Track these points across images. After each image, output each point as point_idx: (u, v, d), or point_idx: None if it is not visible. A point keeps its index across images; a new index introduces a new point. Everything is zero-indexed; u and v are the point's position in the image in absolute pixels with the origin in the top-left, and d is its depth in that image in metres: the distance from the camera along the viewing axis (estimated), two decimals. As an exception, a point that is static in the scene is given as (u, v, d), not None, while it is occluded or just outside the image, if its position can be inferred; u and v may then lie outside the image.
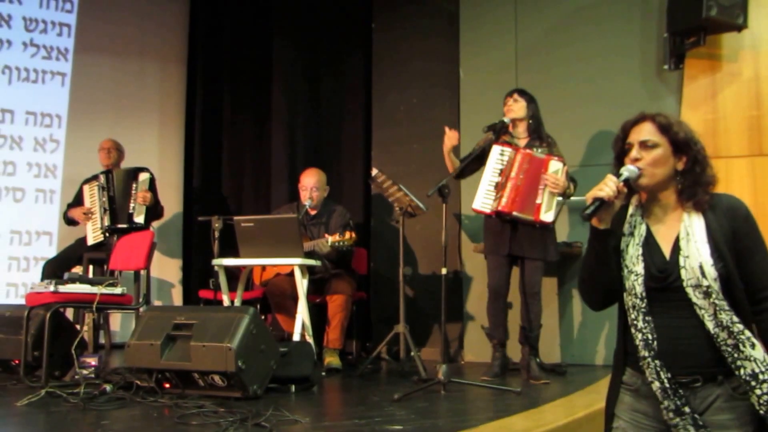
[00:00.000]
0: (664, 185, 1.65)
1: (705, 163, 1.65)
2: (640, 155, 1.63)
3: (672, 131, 1.63)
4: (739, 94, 3.98)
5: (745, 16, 3.81)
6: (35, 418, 2.68)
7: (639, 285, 1.62)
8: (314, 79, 5.39)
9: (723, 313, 1.56)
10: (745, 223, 1.63)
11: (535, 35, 4.52)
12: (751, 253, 1.61)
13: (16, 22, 4.99)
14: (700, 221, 1.62)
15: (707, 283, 1.56)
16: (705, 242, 1.59)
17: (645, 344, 1.61)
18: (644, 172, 1.63)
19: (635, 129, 1.67)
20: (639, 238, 1.67)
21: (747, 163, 3.93)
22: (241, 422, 2.42)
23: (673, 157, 1.64)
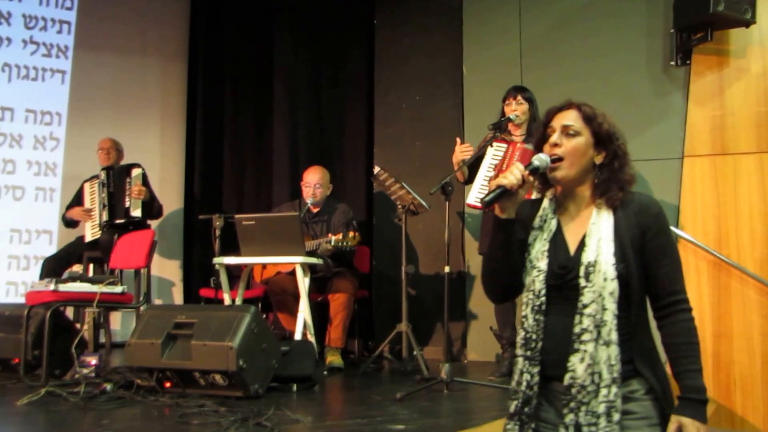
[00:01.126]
0: (580, 178, 1.60)
1: (624, 160, 1.61)
2: (560, 141, 1.58)
3: (596, 122, 1.59)
4: (747, 90, 3.94)
5: (753, 11, 3.77)
6: (35, 417, 2.67)
7: (539, 281, 1.57)
8: (316, 77, 5.36)
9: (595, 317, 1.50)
10: (656, 224, 1.56)
11: (540, 31, 4.49)
12: (658, 256, 1.55)
13: (16, 19, 4.98)
14: (609, 218, 1.57)
15: (602, 284, 1.51)
16: (610, 240, 1.54)
17: (525, 343, 1.57)
18: (562, 163, 1.57)
19: (559, 115, 1.62)
20: (548, 233, 1.61)
21: (755, 159, 3.89)
22: (242, 422, 2.41)
23: (593, 149, 1.60)
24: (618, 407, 1.48)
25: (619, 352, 1.49)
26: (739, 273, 3.85)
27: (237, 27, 5.54)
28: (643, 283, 1.55)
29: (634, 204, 1.58)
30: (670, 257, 1.56)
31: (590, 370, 1.48)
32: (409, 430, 2.38)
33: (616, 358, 1.48)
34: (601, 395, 1.47)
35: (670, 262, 1.55)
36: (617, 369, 1.48)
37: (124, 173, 4.60)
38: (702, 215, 3.99)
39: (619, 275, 1.51)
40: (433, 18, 4.92)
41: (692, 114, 4.06)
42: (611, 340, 1.49)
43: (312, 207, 4.34)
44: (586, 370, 1.48)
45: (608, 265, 1.51)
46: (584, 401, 1.48)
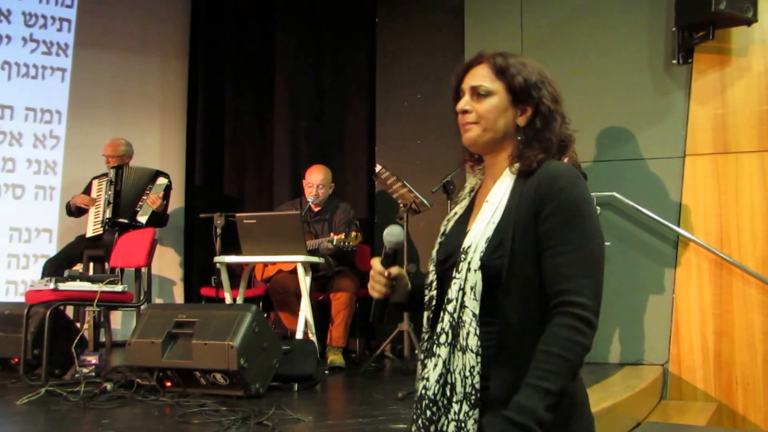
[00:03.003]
0: (498, 145, 1.28)
1: (551, 115, 1.26)
2: (469, 106, 1.27)
3: (509, 73, 1.26)
4: (748, 88, 3.94)
5: (754, 9, 3.77)
6: (35, 416, 2.66)
7: (431, 273, 1.31)
8: (317, 75, 5.35)
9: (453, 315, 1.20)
10: (554, 199, 1.17)
11: (541, 30, 4.48)
12: (550, 241, 1.16)
13: (16, 17, 4.96)
14: (504, 190, 1.23)
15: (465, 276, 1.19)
16: (493, 222, 1.21)
17: (421, 346, 1.32)
18: (474, 126, 1.27)
19: (469, 74, 1.31)
20: (453, 216, 1.34)
21: (757, 158, 3.88)
22: (243, 421, 2.40)
23: (512, 109, 1.26)
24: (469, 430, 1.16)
25: (478, 363, 1.16)
26: (741, 271, 3.85)
27: (238, 25, 5.52)
28: (529, 281, 1.18)
29: (541, 174, 1.20)
30: (567, 246, 1.15)
31: (443, 381, 1.19)
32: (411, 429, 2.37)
33: (472, 370, 1.16)
34: (451, 412, 1.18)
35: (563, 253, 1.15)
36: (473, 383, 1.16)
37: (149, 178, 4.61)
38: (703, 214, 3.99)
39: (487, 266, 1.18)
40: (434, 16, 4.91)
41: (694, 112, 4.05)
42: (468, 346, 1.17)
43: (313, 206, 4.33)
44: (438, 380, 1.19)
45: (477, 252, 1.19)
46: (433, 419, 1.19)
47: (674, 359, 3.95)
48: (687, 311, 3.96)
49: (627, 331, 4.08)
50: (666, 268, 4.05)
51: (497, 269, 1.18)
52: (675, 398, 3.91)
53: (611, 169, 4.15)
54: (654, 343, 4.01)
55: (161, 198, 4.59)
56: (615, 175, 4.14)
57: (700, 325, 3.93)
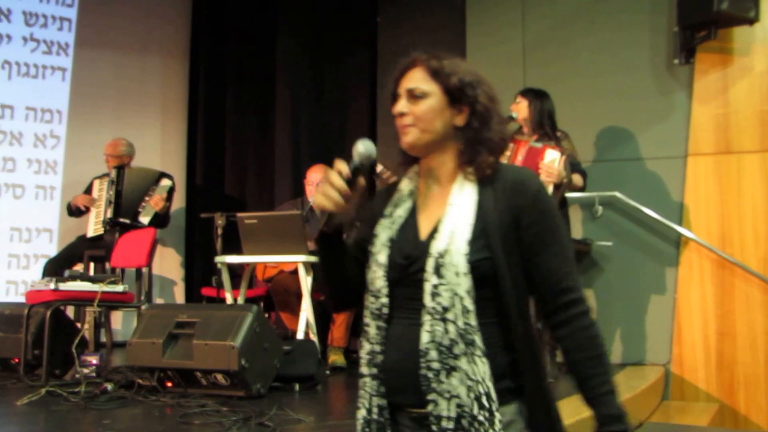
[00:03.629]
0: (437, 147, 1.27)
1: (487, 114, 1.26)
2: (406, 108, 1.27)
3: (443, 74, 1.27)
4: (751, 88, 3.93)
5: (756, 9, 3.77)
6: (35, 417, 2.65)
7: (380, 278, 1.25)
8: (319, 74, 5.34)
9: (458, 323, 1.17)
10: (534, 205, 1.21)
11: (543, 29, 4.48)
12: (539, 245, 1.21)
13: (16, 16, 4.95)
14: (472, 194, 1.23)
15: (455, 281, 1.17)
16: (468, 224, 1.20)
17: (369, 359, 1.25)
18: (411, 128, 1.26)
19: (405, 77, 1.31)
20: (398, 219, 1.30)
21: (759, 158, 3.88)
22: (244, 421, 2.40)
23: (449, 110, 1.26)
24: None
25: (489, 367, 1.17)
26: (743, 272, 3.84)
27: (239, 24, 5.52)
28: (520, 281, 1.21)
29: (507, 180, 1.23)
30: (556, 247, 1.21)
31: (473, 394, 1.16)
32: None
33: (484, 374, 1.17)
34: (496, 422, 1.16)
35: (555, 254, 1.21)
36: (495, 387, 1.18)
37: (152, 179, 4.61)
38: (705, 214, 3.98)
39: (477, 269, 1.18)
40: (435, 16, 4.90)
41: (696, 112, 4.05)
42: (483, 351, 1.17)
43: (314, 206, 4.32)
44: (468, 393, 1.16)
45: (460, 255, 1.18)
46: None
47: (676, 359, 3.94)
48: (689, 311, 3.96)
49: (629, 332, 4.07)
50: (668, 268, 4.04)
51: (487, 271, 1.19)
52: (677, 398, 3.91)
53: (613, 169, 4.15)
54: (656, 343, 4.01)
55: (164, 200, 4.58)
56: (617, 175, 4.13)
57: (702, 325, 3.93)
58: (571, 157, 3.53)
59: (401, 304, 1.24)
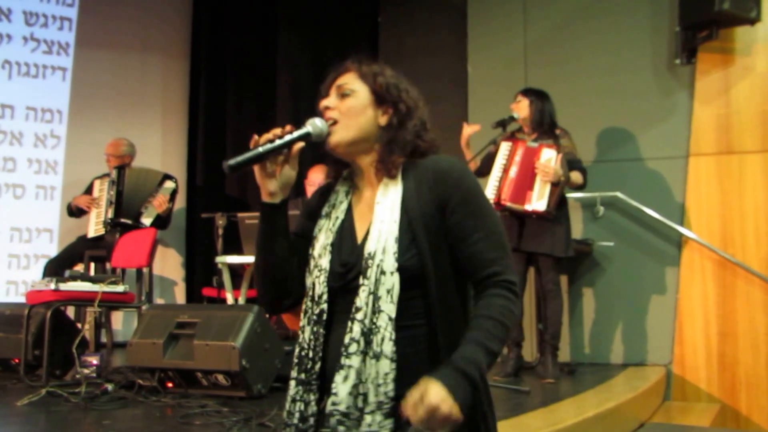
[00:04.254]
0: (363, 146, 1.28)
1: (407, 115, 1.27)
2: (333, 103, 1.30)
3: (372, 75, 1.30)
4: (752, 88, 3.93)
5: (758, 9, 3.77)
6: (36, 417, 2.65)
7: (321, 284, 1.23)
8: (319, 74, 5.30)
9: (365, 322, 1.16)
10: (457, 192, 1.21)
11: (545, 29, 4.48)
12: (465, 231, 1.20)
13: (16, 16, 4.95)
14: (395, 193, 1.23)
15: (377, 279, 1.17)
16: (394, 222, 1.20)
17: (299, 362, 1.23)
18: (336, 126, 1.28)
19: (337, 79, 1.34)
20: (336, 222, 1.29)
21: (761, 158, 3.88)
22: (244, 422, 2.40)
23: (374, 108, 1.28)
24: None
25: (393, 370, 1.14)
26: (744, 272, 3.84)
27: (239, 24, 5.52)
28: (449, 275, 1.20)
29: (428, 171, 1.23)
30: (481, 232, 1.20)
31: (355, 392, 1.14)
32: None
33: (386, 377, 1.14)
34: (363, 424, 1.13)
35: (481, 239, 1.19)
36: (386, 390, 1.14)
37: (156, 180, 4.61)
38: (707, 214, 3.98)
39: (404, 267, 1.17)
40: (437, 16, 4.91)
41: (697, 112, 4.04)
42: (382, 353, 1.14)
43: (315, 205, 4.32)
44: (351, 392, 1.14)
45: (388, 254, 1.17)
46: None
47: (678, 360, 3.94)
48: (690, 312, 3.95)
49: (630, 332, 4.07)
50: (669, 268, 4.04)
51: (415, 268, 1.18)
52: (678, 399, 3.90)
53: (614, 169, 4.15)
54: (657, 343, 4.01)
55: (167, 202, 4.58)
56: (618, 175, 4.13)
57: (704, 325, 3.92)
58: (570, 155, 3.53)
59: (341, 309, 1.22)
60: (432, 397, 1.05)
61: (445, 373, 1.09)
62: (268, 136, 1.28)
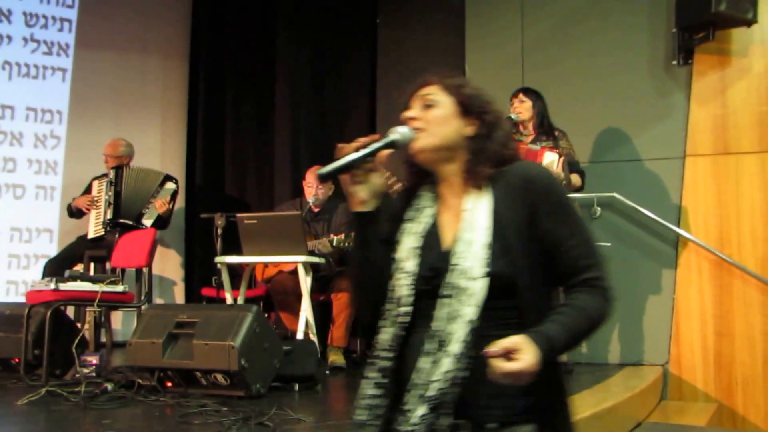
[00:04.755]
0: (448, 155, 1.29)
1: (495, 126, 1.29)
2: (417, 114, 1.30)
3: (457, 87, 1.31)
4: (749, 89, 3.95)
5: (754, 10, 3.78)
6: (36, 417, 2.66)
7: (407, 287, 1.24)
8: (318, 75, 5.36)
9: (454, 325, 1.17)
10: (547, 198, 1.22)
11: (542, 31, 4.49)
12: (559, 238, 1.21)
13: (17, 17, 4.96)
14: (485, 202, 1.24)
15: (462, 285, 1.17)
16: (484, 228, 1.21)
17: (374, 364, 1.24)
18: (421, 133, 1.28)
19: (420, 91, 1.34)
20: (421, 226, 1.30)
21: (757, 159, 3.89)
22: (244, 421, 2.40)
23: (459, 119, 1.29)
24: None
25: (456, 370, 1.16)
26: (741, 272, 3.86)
27: (239, 25, 5.53)
28: (540, 283, 1.21)
29: (517, 179, 1.24)
30: (576, 236, 1.21)
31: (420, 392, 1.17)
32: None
33: (446, 375, 1.16)
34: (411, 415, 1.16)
35: (576, 243, 1.21)
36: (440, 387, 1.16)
37: (157, 181, 4.61)
38: (704, 214, 3.99)
39: (496, 274, 1.17)
40: (435, 16, 4.92)
41: (694, 113, 4.06)
42: (448, 352, 1.16)
43: (313, 206, 4.33)
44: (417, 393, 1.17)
45: (476, 259, 1.18)
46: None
47: (674, 360, 3.95)
48: (687, 312, 3.97)
49: (627, 332, 4.08)
50: (666, 268, 4.06)
51: (506, 276, 1.18)
52: (675, 399, 3.92)
53: (611, 170, 4.16)
54: (654, 343, 4.02)
55: (168, 203, 4.59)
56: (615, 176, 4.15)
57: (700, 325, 3.94)
58: (569, 157, 3.54)
59: (423, 314, 1.23)
60: (527, 361, 1.08)
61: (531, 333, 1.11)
62: (355, 145, 1.28)
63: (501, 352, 1.08)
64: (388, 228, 1.34)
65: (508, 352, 1.08)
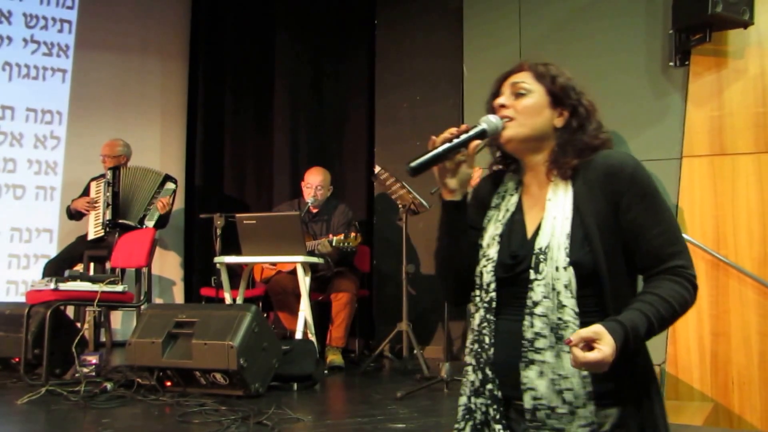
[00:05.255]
0: (536, 144, 1.30)
1: (586, 118, 1.29)
2: (508, 101, 1.31)
3: (549, 77, 1.31)
4: (745, 90, 3.96)
5: (751, 12, 3.79)
6: (36, 416, 2.68)
7: (488, 273, 1.28)
8: (317, 76, 5.37)
9: (550, 317, 1.19)
10: (631, 187, 1.22)
11: (540, 31, 4.51)
12: (641, 227, 1.21)
13: (17, 18, 4.97)
14: (567, 192, 1.25)
15: (554, 275, 1.20)
16: (566, 219, 1.22)
17: (472, 350, 1.29)
18: (511, 122, 1.29)
19: (511, 77, 1.35)
20: (505, 213, 1.32)
21: (753, 160, 3.90)
22: (242, 420, 2.43)
23: (550, 109, 1.30)
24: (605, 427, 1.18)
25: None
26: (737, 273, 3.87)
27: (237, 26, 5.54)
28: (622, 272, 1.22)
29: (599, 168, 1.24)
30: (661, 224, 1.21)
31: (557, 387, 1.17)
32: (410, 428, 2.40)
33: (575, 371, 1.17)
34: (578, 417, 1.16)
35: (661, 232, 1.21)
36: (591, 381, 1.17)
37: (157, 182, 4.62)
38: (700, 215, 4.01)
39: (578, 263, 1.19)
40: (433, 18, 4.93)
41: (691, 114, 4.07)
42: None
43: (312, 207, 4.35)
44: (550, 386, 1.17)
45: (560, 250, 1.20)
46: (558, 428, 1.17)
47: (671, 359, 3.97)
48: (684, 312, 3.98)
49: (624, 332, 4.09)
50: (663, 269, 4.07)
51: (588, 265, 1.19)
52: (672, 398, 3.94)
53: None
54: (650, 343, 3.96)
55: (169, 203, 4.61)
56: (612, 177, 4.16)
57: (697, 325, 3.95)
58: None
59: (507, 301, 1.26)
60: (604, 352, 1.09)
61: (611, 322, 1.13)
62: (445, 135, 1.28)
63: (580, 341, 1.10)
64: (474, 214, 1.36)
65: (587, 341, 1.10)
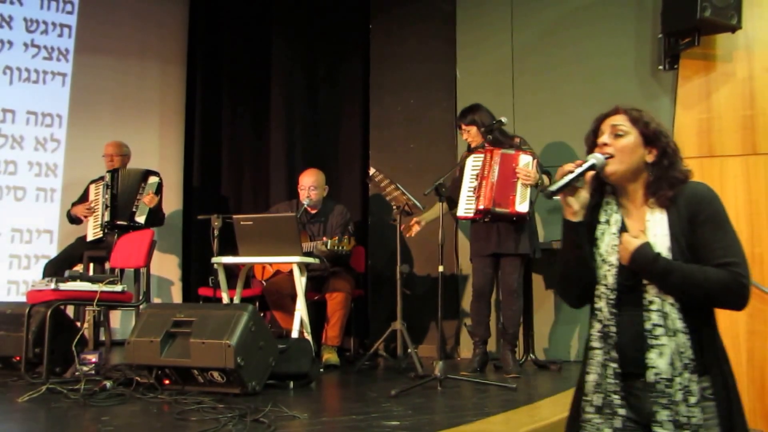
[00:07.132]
0: (632, 176, 1.63)
1: (674, 157, 1.62)
2: (609, 141, 1.62)
3: (642, 122, 1.63)
4: (733, 93, 4.01)
5: (739, 16, 3.84)
6: (36, 414, 2.69)
7: (611, 276, 1.61)
8: (312, 80, 5.42)
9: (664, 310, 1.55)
10: (703, 210, 1.56)
11: (531, 36, 4.56)
12: (709, 240, 1.55)
13: (17, 23, 5.00)
14: (663, 217, 1.59)
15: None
16: (665, 236, 1.57)
17: (603, 336, 1.60)
18: (612, 159, 1.60)
19: (607, 120, 1.66)
20: (615, 226, 1.65)
21: (741, 161, 3.96)
22: (239, 418, 2.43)
23: (642, 148, 1.62)
24: (693, 391, 1.51)
25: (689, 340, 1.53)
26: (726, 273, 3.92)
27: (235, 31, 5.58)
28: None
29: (686, 196, 1.58)
30: (724, 240, 1.54)
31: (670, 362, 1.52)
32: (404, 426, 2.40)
33: (685, 346, 1.52)
34: (676, 383, 1.51)
35: (723, 246, 1.54)
36: (687, 356, 1.52)
37: (141, 178, 4.64)
38: (689, 216, 4.06)
39: None
40: (427, 23, 4.97)
41: (680, 117, 4.12)
42: (677, 329, 1.53)
43: (309, 208, 4.39)
44: (665, 364, 1.52)
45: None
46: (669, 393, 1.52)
47: (661, 358, 4.02)
48: (673, 311, 4.02)
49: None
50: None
51: None
52: (662, 397, 3.98)
53: (599, 173, 4.22)
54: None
55: (155, 196, 4.63)
56: (602, 179, 4.20)
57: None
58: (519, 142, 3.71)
59: (626, 299, 1.59)
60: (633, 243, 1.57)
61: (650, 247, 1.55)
62: (568, 167, 1.60)
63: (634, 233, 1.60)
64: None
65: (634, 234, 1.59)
